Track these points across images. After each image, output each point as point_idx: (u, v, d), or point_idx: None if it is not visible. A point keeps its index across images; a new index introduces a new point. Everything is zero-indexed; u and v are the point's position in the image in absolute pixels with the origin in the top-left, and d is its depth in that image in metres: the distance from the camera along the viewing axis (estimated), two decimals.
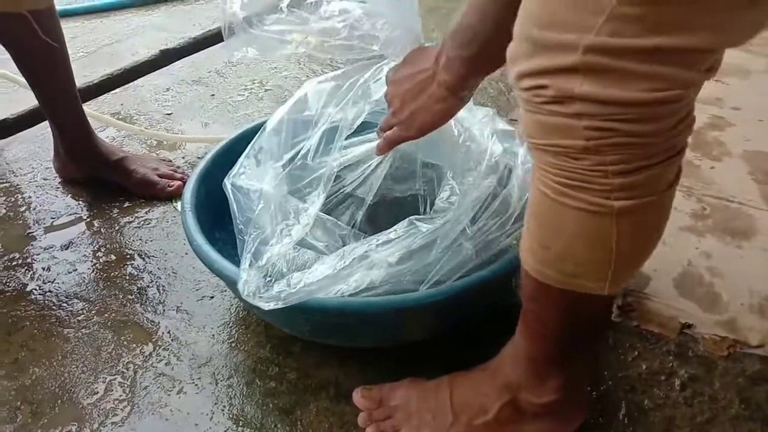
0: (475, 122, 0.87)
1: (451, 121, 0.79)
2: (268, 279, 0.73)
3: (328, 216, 0.80)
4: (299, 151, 0.82)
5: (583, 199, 0.54)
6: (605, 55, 0.45)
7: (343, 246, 0.75)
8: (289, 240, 0.74)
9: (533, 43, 0.49)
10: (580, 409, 0.76)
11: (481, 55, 0.67)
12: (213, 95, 1.57)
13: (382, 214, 0.88)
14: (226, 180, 0.84)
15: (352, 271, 0.71)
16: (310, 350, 0.89)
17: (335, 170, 0.80)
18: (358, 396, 0.80)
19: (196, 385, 0.86)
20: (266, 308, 0.71)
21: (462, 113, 0.78)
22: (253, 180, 0.82)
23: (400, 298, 0.74)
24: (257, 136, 0.87)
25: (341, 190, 0.84)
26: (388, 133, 0.78)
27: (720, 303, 0.95)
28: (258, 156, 0.85)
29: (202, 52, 1.63)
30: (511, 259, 0.78)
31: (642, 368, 0.86)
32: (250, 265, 0.74)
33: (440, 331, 0.88)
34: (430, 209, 0.78)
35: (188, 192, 0.93)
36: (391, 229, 0.75)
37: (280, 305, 0.71)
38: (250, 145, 0.87)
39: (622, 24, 0.44)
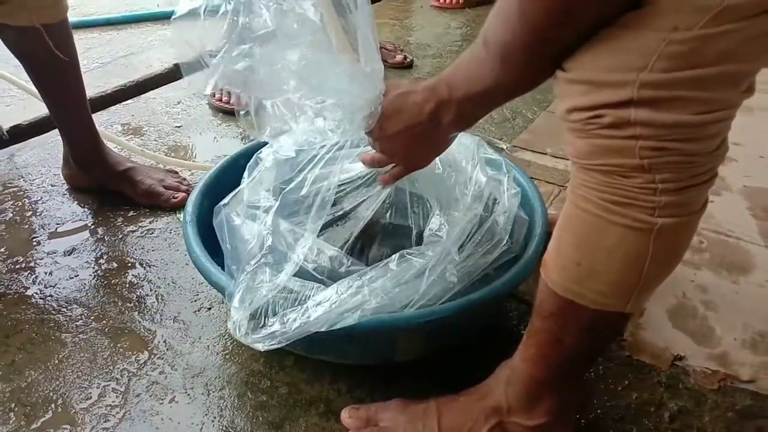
0: (461, 149, 0.88)
1: None
2: (257, 320, 0.73)
3: (323, 242, 0.81)
4: (292, 179, 0.83)
5: (628, 215, 0.57)
6: (658, 88, 0.51)
7: (336, 269, 0.76)
8: (275, 283, 0.74)
9: (587, 84, 0.55)
10: (566, 430, 0.77)
11: (492, 109, 0.71)
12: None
13: (377, 237, 0.89)
14: (217, 210, 0.85)
15: (346, 308, 0.72)
16: (303, 366, 0.90)
17: (328, 197, 0.80)
18: (345, 415, 0.80)
19: (189, 395, 0.87)
20: (262, 349, 0.71)
21: None
22: (242, 213, 0.83)
23: (390, 317, 0.75)
24: (249, 168, 0.90)
25: (338, 212, 0.85)
26: (393, 171, 0.80)
27: (713, 336, 0.95)
28: (251, 187, 0.87)
29: None
30: (503, 283, 0.79)
31: (632, 398, 0.86)
32: (240, 303, 0.74)
33: (431, 352, 0.88)
34: (418, 236, 0.79)
35: (191, 204, 0.94)
36: (385, 263, 0.76)
37: (275, 345, 0.71)
38: (244, 177, 0.89)
39: (672, 60, 0.50)
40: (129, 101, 1.58)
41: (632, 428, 0.82)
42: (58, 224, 1.20)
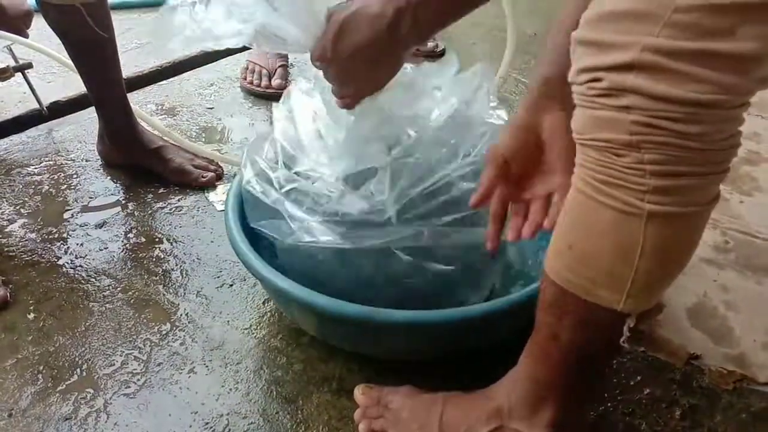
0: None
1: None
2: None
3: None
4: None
5: (617, 197, 0.55)
6: (659, 54, 0.49)
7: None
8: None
9: (595, 44, 0.53)
10: None
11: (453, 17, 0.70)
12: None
13: None
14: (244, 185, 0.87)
15: None
16: (318, 344, 0.92)
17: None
18: (359, 392, 0.82)
19: (207, 366, 0.90)
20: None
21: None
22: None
23: (420, 314, 0.77)
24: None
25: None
26: (346, 100, 0.77)
27: (732, 337, 0.94)
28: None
29: (249, 51, 1.68)
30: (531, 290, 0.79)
31: (644, 393, 0.85)
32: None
33: (451, 352, 0.89)
34: None
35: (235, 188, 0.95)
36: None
37: None
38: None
39: (677, 30, 0.48)
40: (164, 82, 1.61)
41: (642, 423, 0.82)
42: (90, 198, 1.24)
